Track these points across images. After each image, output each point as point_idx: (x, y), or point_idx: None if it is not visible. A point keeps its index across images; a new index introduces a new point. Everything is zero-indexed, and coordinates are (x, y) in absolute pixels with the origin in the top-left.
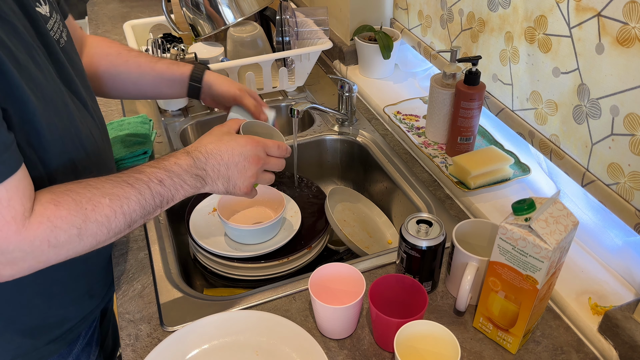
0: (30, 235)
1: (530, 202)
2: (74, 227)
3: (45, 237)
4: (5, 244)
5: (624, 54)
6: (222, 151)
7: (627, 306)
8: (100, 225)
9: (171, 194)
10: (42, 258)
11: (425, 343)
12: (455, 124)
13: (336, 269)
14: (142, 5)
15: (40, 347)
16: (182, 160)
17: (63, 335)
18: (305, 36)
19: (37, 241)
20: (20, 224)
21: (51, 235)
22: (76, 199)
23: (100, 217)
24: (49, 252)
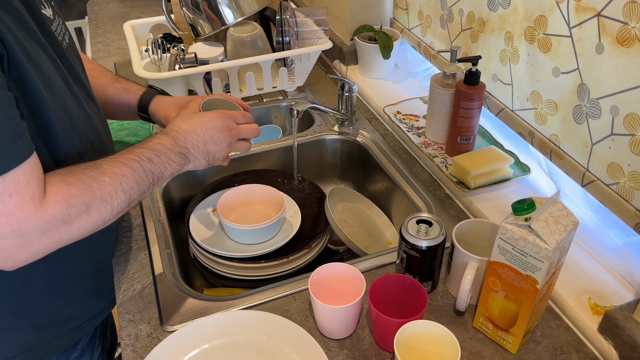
0: (47, 214)
1: (530, 202)
2: (84, 204)
3: (60, 215)
4: (25, 225)
5: (624, 54)
6: (196, 129)
7: (627, 306)
8: (105, 203)
9: (160, 171)
10: (55, 237)
11: (425, 343)
12: (455, 124)
13: (336, 269)
14: (142, 5)
15: (46, 343)
16: (164, 140)
17: (70, 333)
18: (305, 36)
19: (54, 220)
20: (38, 204)
21: (65, 213)
22: (82, 178)
23: (105, 195)
24: (62, 230)
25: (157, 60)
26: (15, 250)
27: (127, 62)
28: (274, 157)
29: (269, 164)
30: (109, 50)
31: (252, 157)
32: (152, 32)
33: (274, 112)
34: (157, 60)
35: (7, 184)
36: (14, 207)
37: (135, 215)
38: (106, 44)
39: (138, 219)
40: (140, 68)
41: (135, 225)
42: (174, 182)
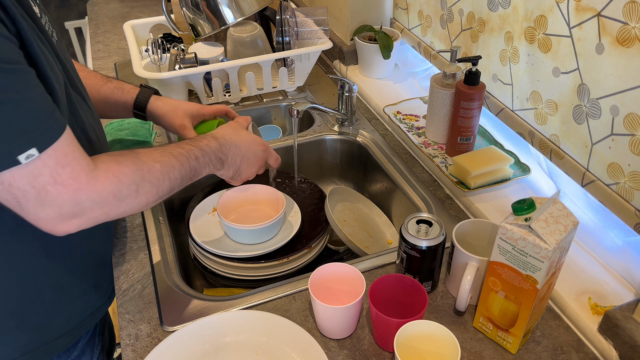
0: (99, 186)
1: (530, 202)
2: (134, 184)
3: (111, 190)
4: (79, 194)
5: (624, 54)
6: (240, 145)
7: (627, 306)
8: (152, 187)
9: (200, 170)
10: (106, 209)
11: (425, 343)
12: (455, 124)
13: (336, 269)
14: (142, 5)
15: (48, 343)
16: (212, 144)
17: (71, 331)
18: (305, 36)
19: (105, 192)
20: (89, 176)
21: (116, 189)
22: (134, 161)
23: (154, 179)
24: (113, 203)
25: (157, 60)
26: (71, 217)
27: (127, 62)
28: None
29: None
30: (109, 50)
31: None
32: (152, 32)
33: (274, 112)
34: (157, 60)
35: (58, 156)
36: (68, 177)
37: (135, 215)
38: (106, 44)
39: (138, 219)
40: (140, 68)
41: (135, 225)
42: None
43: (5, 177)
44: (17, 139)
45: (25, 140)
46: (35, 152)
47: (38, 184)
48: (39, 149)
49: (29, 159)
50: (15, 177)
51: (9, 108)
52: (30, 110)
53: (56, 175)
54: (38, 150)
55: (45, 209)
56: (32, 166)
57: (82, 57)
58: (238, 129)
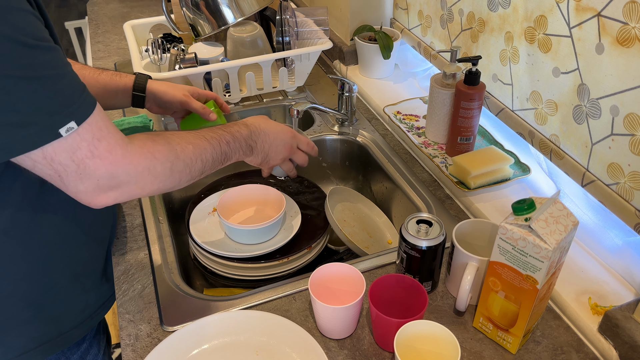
0: (135, 160)
1: (530, 202)
2: (168, 162)
3: (147, 165)
4: (115, 167)
5: (624, 54)
6: (269, 132)
7: (627, 306)
8: (185, 166)
9: (231, 155)
10: (142, 184)
11: (425, 343)
12: (455, 124)
13: (336, 269)
14: (142, 5)
15: (64, 333)
16: (243, 130)
17: (85, 322)
18: (305, 36)
19: (140, 167)
20: (124, 149)
21: (151, 165)
22: (168, 141)
23: (187, 159)
24: (148, 179)
25: (157, 60)
26: (108, 189)
27: (127, 62)
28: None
29: None
30: (109, 50)
31: None
32: (152, 32)
33: (274, 112)
34: (157, 60)
35: (94, 130)
36: (105, 150)
37: (135, 215)
38: (106, 44)
39: (138, 219)
40: (140, 68)
41: (135, 225)
42: None
43: (47, 152)
44: (58, 113)
45: (65, 113)
46: (74, 125)
47: (77, 158)
48: (77, 122)
49: (69, 132)
50: (57, 152)
51: (49, 83)
52: (67, 85)
53: (93, 148)
54: (77, 123)
55: (84, 182)
56: (72, 140)
57: (82, 57)
58: (268, 119)
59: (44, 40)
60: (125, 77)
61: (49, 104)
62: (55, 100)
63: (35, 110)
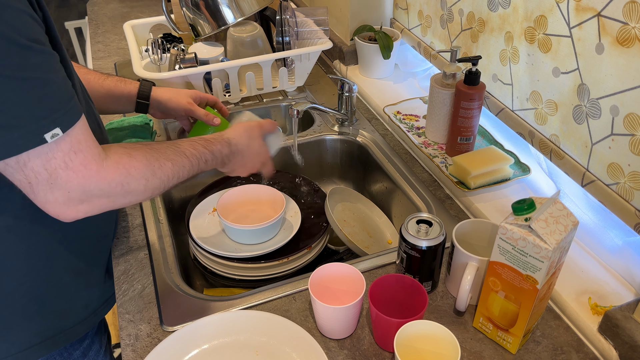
0: (109, 176)
1: (530, 202)
2: (143, 179)
3: (120, 181)
4: (88, 182)
5: (624, 54)
6: (245, 154)
7: (627, 306)
8: (161, 183)
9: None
10: (113, 198)
11: (425, 343)
12: (455, 124)
13: (336, 269)
14: (142, 5)
15: (67, 329)
16: (225, 150)
17: (88, 318)
18: (305, 36)
19: (114, 183)
20: (99, 165)
21: (125, 181)
22: (146, 156)
23: (164, 176)
24: (120, 194)
25: (157, 60)
26: (78, 202)
27: (127, 62)
28: (274, 157)
29: None
30: (109, 50)
31: None
32: (152, 32)
33: (274, 112)
34: (157, 60)
35: (73, 142)
36: (79, 163)
37: (135, 215)
38: (106, 44)
39: (138, 219)
40: (140, 68)
41: (135, 225)
42: None
43: (22, 157)
44: (44, 118)
45: (51, 119)
46: (60, 132)
47: (50, 167)
48: (64, 129)
49: (54, 138)
50: (31, 158)
51: (38, 86)
52: (56, 91)
53: (68, 160)
54: (62, 130)
55: (55, 193)
56: (48, 148)
57: (82, 57)
58: (253, 138)
59: (38, 42)
60: (130, 84)
61: (36, 108)
62: (42, 105)
63: (21, 113)
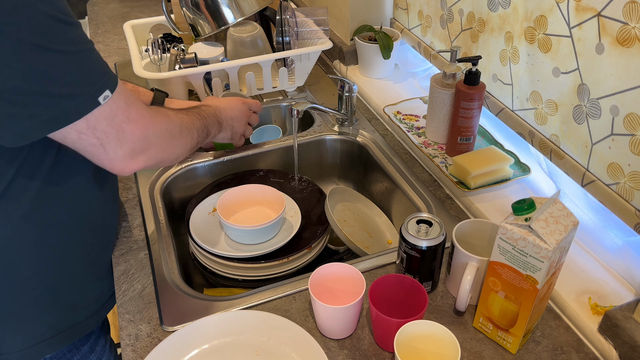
0: (159, 122)
1: (530, 202)
2: (178, 125)
3: (166, 127)
4: (146, 129)
5: (624, 54)
6: (226, 108)
7: (627, 306)
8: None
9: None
10: (164, 145)
11: (425, 343)
12: (455, 124)
13: (336, 269)
14: (142, 5)
15: (79, 323)
16: (209, 108)
17: (98, 311)
18: (305, 36)
19: (163, 128)
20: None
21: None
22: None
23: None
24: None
25: (157, 60)
26: (140, 152)
27: (127, 62)
28: (274, 157)
29: (269, 164)
30: (109, 50)
31: (252, 157)
32: (152, 32)
33: (274, 112)
34: (157, 60)
35: (124, 98)
36: (136, 114)
37: (135, 215)
38: (106, 44)
39: (138, 219)
40: (140, 68)
41: (135, 225)
42: (173, 182)
43: (90, 121)
44: (96, 83)
45: (102, 83)
46: (109, 93)
47: (116, 124)
48: (111, 90)
49: (106, 100)
50: (99, 119)
51: (86, 56)
52: (98, 57)
53: (127, 113)
54: (111, 91)
55: (123, 147)
56: (109, 107)
57: None
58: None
59: (73, 17)
60: (144, 95)
61: (89, 75)
62: (93, 71)
63: (80, 82)
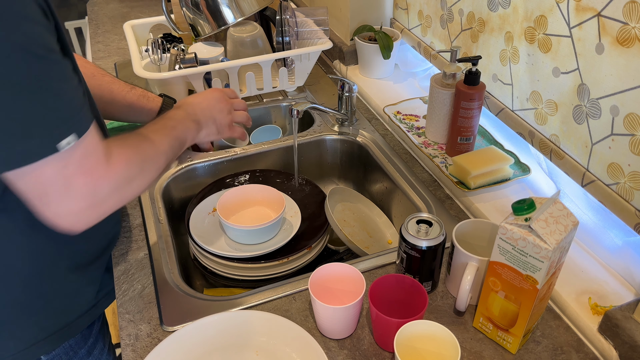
0: (116, 173)
1: (530, 202)
2: (140, 163)
3: (125, 174)
4: (99, 184)
5: (624, 54)
6: (200, 100)
7: (627, 306)
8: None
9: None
10: (121, 195)
11: (425, 343)
12: (455, 124)
13: (336, 269)
14: (142, 5)
15: (70, 323)
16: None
17: (90, 310)
18: (305, 36)
19: (120, 178)
20: (107, 164)
21: (128, 172)
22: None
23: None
24: (126, 188)
25: (157, 60)
26: (89, 210)
27: (127, 62)
28: (274, 157)
29: (269, 164)
30: (109, 50)
31: (252, 157)
32: (152, 32)
33: (274, 112)
34: (157, 60)
35: (86, 146)
36: (91, 166)
37: (135, 215)
38: (106, 44)
39: (138, 219)
40: (140, 68)
41: (135, 225)
42: (174, 182)
43: (38, 165)
44: (59, 127)
45: (66, 127)
46: (74, 139)
47: (66, 173)
48: (78, 136)
49: (68, 146)
50: (48, 165)
51: (54, 95)
52: (71, 98)
53: (81, 164)
54: (76, 137)
55: (69, 201)
56: (64, 155)
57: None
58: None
59: (53, 51)
60: (152, 102)
61: (51, 117)
62: (58, 113)
63: (38, 122)
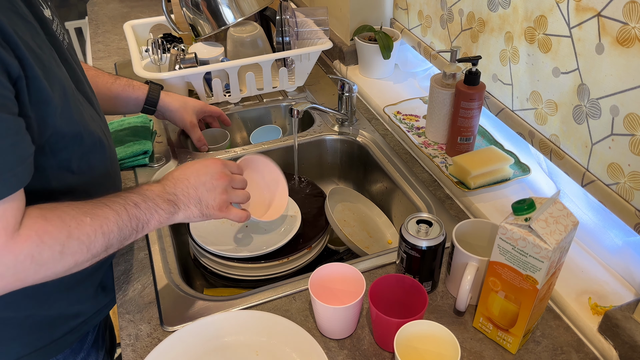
0: (17, 248)
1: (530, 202)
2: (59, 244)
3: (30, 252)
4: None
5: (624, 54)
6: (187, 175)
7: (627, 306)
8: (81, 244)
9: (146, 218)
10: (21, 275)
11: (425, 343)
12: (455, 124)
13: (336, 269)
14: (142, 5)
15: (57, 339)
16: (154, 187)
17: (78, 327)
18: (305, 36)
19: (22, 256)
20: (9, 236)
21: (36, 250)
22: (61, 216)
23: (82, 236)
24: (30, 269)
25: (157, 60)
26: None
27: (127, 62)
28: (274, 157)
29: None
30: (109, 50)
31: None
32: (152, 32)
33: (274, 112)
34: (157, 60)
35: None
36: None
37: None
38: (106, 44)
39: None
40: (140, 68)
41: None
42: None
43: None
44: None
45: None
46: None
47: None
48: None
49: None
50: None
51: None
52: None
53: None
54: None
55: None
56: None
57: (82, 57)
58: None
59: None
60: (138, 90)
61: None
62: None
63: None
